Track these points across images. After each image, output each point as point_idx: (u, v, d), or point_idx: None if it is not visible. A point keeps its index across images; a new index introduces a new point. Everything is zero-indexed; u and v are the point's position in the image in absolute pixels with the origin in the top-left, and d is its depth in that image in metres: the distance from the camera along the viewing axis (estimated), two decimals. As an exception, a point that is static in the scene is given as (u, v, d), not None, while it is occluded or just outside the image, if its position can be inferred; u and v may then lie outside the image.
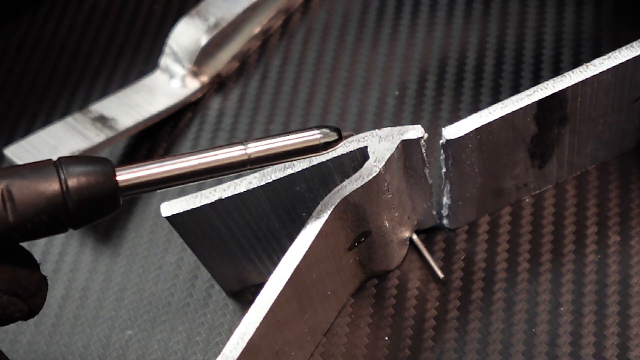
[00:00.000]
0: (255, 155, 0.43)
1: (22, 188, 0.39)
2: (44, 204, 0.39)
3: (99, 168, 0.40)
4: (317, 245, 0.47)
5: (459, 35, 0.65)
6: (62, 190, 0.39)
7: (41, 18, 0.73)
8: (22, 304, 0.40)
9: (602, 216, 0.55)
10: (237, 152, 0.43)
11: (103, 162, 0.40)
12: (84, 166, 0.40)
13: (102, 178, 0.40)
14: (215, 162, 0.42)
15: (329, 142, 0.44)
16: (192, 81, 0.65)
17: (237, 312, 0.56)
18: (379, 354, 0.52)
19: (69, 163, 0.40)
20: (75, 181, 0.39)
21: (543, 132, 0.51)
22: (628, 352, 0.50)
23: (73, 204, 0.39)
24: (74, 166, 0.40)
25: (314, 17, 0.68)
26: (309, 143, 0.44)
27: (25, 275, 0.40)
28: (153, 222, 0.60)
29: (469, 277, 0.54)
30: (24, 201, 0.38)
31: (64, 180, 0.39)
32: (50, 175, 0.39)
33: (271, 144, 0.43)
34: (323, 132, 0.44)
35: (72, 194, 0.39)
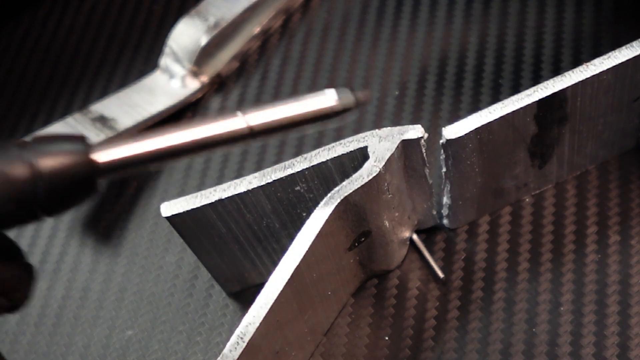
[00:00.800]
0: (257, 127, 0.37)
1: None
2: (9, 190, 0.34)
3: (72, 147, 0.35)
4: (317, 245, 0.47)
5: (459, 35, 0.65)
6: (31, 175, 0.34)
7: (41, 18, 0.73)
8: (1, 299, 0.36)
9: (602, 216, 0.55)
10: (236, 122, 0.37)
11: (76, 140, 0.35)
12: (54, 145, 0.35)
13: (75, 158, 0.34)
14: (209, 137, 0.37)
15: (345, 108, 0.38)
16: (192, 81, 0.65)
17: (237, 312, 0.56)
18: (379, 354, 0.52)
19: (38, 143, 0.35)
20: (45, 164, 0.34)
21: (543, 131, 0.51)
22: (628, 351, 0.50)
23: (44, 190, 0.34)
24: (44, 146, 0.34)
25: (314, 17, 0.68)
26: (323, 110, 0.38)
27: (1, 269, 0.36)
28: (153, 222, 0.60)
29: (469, 277, 0.54)
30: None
31: (33, 163, 0.34)
32: (17, 157, 0.34)
33: (275, 111, 0.38)
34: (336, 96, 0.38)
35: (42, 179, 0.34)
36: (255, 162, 0.61)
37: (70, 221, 0.61)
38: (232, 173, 0.61)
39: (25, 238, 0.61)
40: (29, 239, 0.61)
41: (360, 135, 0.49)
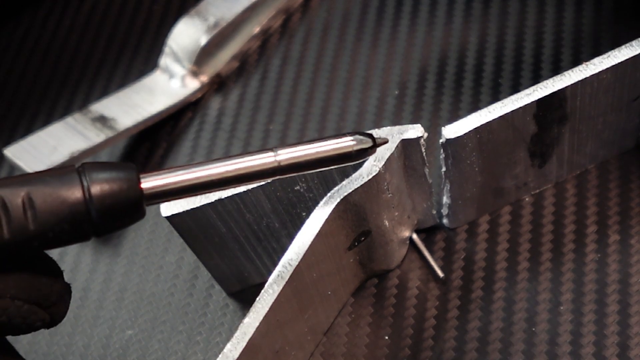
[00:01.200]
0: (285, 163, 0.41)
1: (44, 195, 0.37)
2: (66, 212, 0.37)
3: (123, 175, 0.38)
4: (317, 245, 0.47)
5: (459, 35, 0.65)
6: (85, 198, 0.37)
7: (41, 18, 0.73)
8: (43, 313, 0.39)
9: (602, 215, 0.55)
10: (267, 159, 0.40)
11: (127, 168, 0.39)
12: (107, 172, 0.38)
13: (126, 185, 0.38)
14: (244, 170, 0.40)
15: (363, 149, 0.42)
16: (192, 81, 0.65)
17: (237, 311, 0.56)
18: (379, 354, 0.52)
19: (92, 169, 0.38)
20: (98, 189, 0.38)
21: (543, 131, 0.51)
22: (628, 351, 0.50)
23: (96, 212, 0.38)
24: (97, 172, 0.38)
25: (314, 17, 0.68)
26: (342, 150, 0.42)
27: (47, 284, 0.39)
28: (153, 222, 0.60)
29: (469, 276, 0.54)
30: (46, 209, 0.37)
31: (87, 187, 0.38)
32: (73, 182, 0.38)
33: (302, 150, 0.41)
34: (357, 139, 0.42)
35: (95, 202, 0.38)
36: (255, 162, 0.61)
37: (70, 221, 0.61)
38: (232, 173, 0.61)
39: (25, 238, 0.61)
40: (29, 239, 0.61)
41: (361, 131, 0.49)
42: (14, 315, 0.39)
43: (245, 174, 0.40)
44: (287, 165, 0.41)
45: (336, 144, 0.42)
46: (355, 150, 0.42)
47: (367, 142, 0.42)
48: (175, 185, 0.40)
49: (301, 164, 0.41)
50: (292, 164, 0.41)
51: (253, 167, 0.41)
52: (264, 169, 0.41)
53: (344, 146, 0.42)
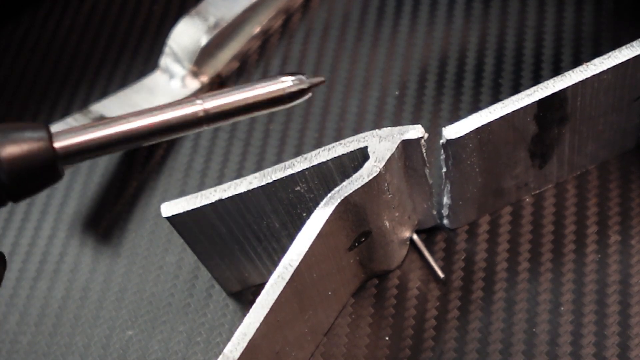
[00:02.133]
0: (213, 111, 0.39)
1: None
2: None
3: (34, 135, 0.36)
4: (317, 245, 0.47)
5: (459, 35, 0.65)
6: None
7: (41, 18, 0.73)
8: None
9: (602, 216, 0.55)
10: (192, 108, 0.38)
11: (38, 128, 0.37)
12: (16, 132, 0.36)
13: (37, 145, 0.36)
14: (167, 122, 0.38)
15: (297, 90, 0.40)
16: (192, 81, 0.65)
17: (237, 312, 0.56)
18: (380, 354, 0.52)
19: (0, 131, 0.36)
20: (7, 151, 0.36)
21: (543, 131, 0.51)
22: (629, 351, 0.50)
23: (7, 176, 0.36)
24: (5, 134, 0.36)
25: (314, 17, 0.68)
26: (274, 94, 0.39)
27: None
28: (153, 222, 0.60)
29: (469, 277, 0.54)
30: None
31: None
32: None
33: (231, 96, 0.39)
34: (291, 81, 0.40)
35: (4, 165, 0.36)
36: (255, 162, 0.61)
37: (70, 221, 0.61)
38: (232, 173, 0.61)
39: (25, 238, 0.61)
40: (28, 239, 0.61)
41: (360, 135, 0.49)
42: None
43: (169, 125, 0.38)
44: (215, 113, 0.39)
45: (267, 87, 0.40)
46: (287, 92, 0.40)
47: (301, 82, 0.40)
48: (92, 141, 0.37)
49: (231, 110, 0.39)
50: (221, 111, 0.39)
51: (177, 117, 0.38)
52: (190, 119, 0.39)
53: (275, 89, 0.40)
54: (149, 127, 0.38)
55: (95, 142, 0.37)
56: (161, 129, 0.38)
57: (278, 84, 0.40)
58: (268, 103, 0.40)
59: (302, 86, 0.40)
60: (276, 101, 0.40)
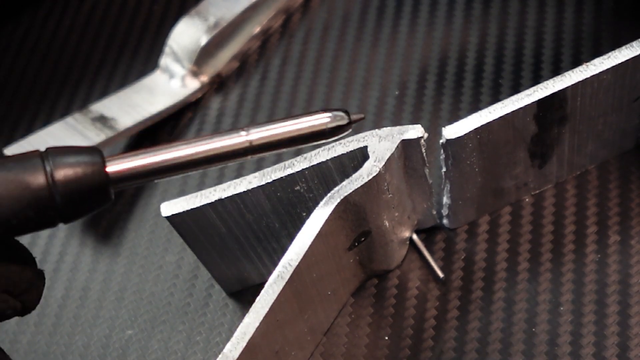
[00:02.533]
0: (257, 142, 0.40)
1: (6, 182, 0.36)
2: (29, 198, 0.36)
3: (88, 159, 0.38)
4: (317, 245, 0.47)
5: (459, 35, 0.65)
6: (48, 184, 0.37)
7: (41, 18, 0.73)
8: (14, 301, 0.39)
9: (602, 216, 0.55)
10: (238, 139, 0.40)
11: (92, 152, 0.38)
12: (71, 157, 0.37)
13: (91, 169, 0.37)
14: (213, 151, 0.39)
15: (338, 126, 0.41)
16: (192, 81, 0.65)
17: (237, 312, 0.56)
18: (379, 354, 0.52)
19: (56, 154, 0.37)
20: (62, 173, 0.37)
21: (543, 131, 0.51)
22: (628, 351, 0.50)
23: (60, 198, 0.37)
24: (61, 157, 0.37)
25: (314, 17, 0.68)
26: (316, 128, 0.40)
27: (16, 271, 0.39)
28: (153, 222, 0.60)
29: (469, 276, 0.54)
30: (7, 196, 0.36)
31: (50, 172, 0.37)
32: (36, 167, 0.37)
33: (274, 129, 0.40)
34: (332, 115, 0.41)
35: (59, 187, 0.37)
36: (255, 162, 0.61)
37: (70, 221, 0.61)
38: (232, 173, 0.61)
39: (25, 238, 0.61)
40: (28, 239, 0.61)
41: (360, 135, 0.49)
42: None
43: (216, 155, 0.40)
44: (259, 145, 0.40)
45: (310, 122, 0.41)
46: (329, 127, 0.41)
47: (342, 118, 0.41)
48: (143, 168, 0.39)
49: (273, 143, 0.40)
50: (264, 143, 0.40)
51: (223, 147, 0.40)
52: (235, 149, 0.40)
53: (317, 124, 0.41)
54: (197, 157, 0.39)
55: (145, 168, 0.39)
56: (208, 159, 0.40)
57: (319, 119, 0.41)
58: (309, 137, 0.41)
59: (342, 122, 0.41)
60: (317, 135, 0.41)
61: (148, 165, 0.39)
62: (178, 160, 0.39)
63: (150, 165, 0.39)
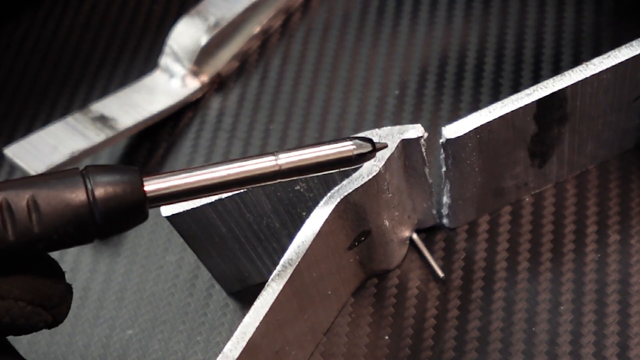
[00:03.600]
0: (286, 167, 0.42)
1: (48, 198, 0.38)
2: (70, 214, 0.38)
3: (127, 178, 0.39)
4: (317, 245, 0.47)
5: (459, 35, 0.65)
6: (89, 201, 0.38)
7: (41, 18, 0.73)
8: (46, 314, 0.40)
9: (602, 215, 0.55)
10: (268, 162, 0.41)
11: (130, 172, 0.39)
12: (111, 176, 0.39)
13: (129, 188, 0.39)
14: (245, 173, 0.41)
15: (362, 153, 0.43)
16: (192, 81, 0.65)
17: (237, 311, 0.56)
18: (379, 353, 0.52)
19: (96, 172, 0.39)
20: (102, 191, 0.38)
21: (543, 131, 0.51)
22: (628, 351, 0.50)
23: (100, 215, 0.38)
24: (101, 176, 0.39)
25: (314, 17, 0.68)
26: (342, 154, 0.42)
27: (50, 286, 0.40)
28: (153, 222, 0.60)
29: (469, 276, 0.54)
30: (50, 212, 0.38)
31: (91, 190, 0.38)
32: (77, 185, 0.38)
33: (303, 155, 0.42)
34: (356, 143, 0.43)
35: (99, 205, 0.38)
36: (255, 162, 0.61)
37: (71, 221, 0.61)
38: (232, 173, 0.61)
39: (26, 238, 0.61)
40: (29, 239, 0.61)
41: (360, 135, 0.49)
42: (17, 316, 0.39)
43: (247, 177, 0.41)
44: (287, 169, 0.42)
45: (336, 149, 0.43)
46: (355, 154, 0.43)
47: (366, 146, 0.43)
48: (178, 188, 0.40)
49: (301, 167, 0.42)
50: (293, 167, 0.42)
51: (255, 170, 0.41)
52: (265, 173, 0.41)
53: (344, 150, 0.43)
54: (229, 179, 0.41)
55: (180, 188, 0.40)
56: (240, 181, 0.41)
57: (346, 147, 0.43)
58: (336, 163, 0.43)
59: (366, 150, 0.43)
60: (344, 162, 0.43)
61: (183, 185, 0.40)
62: (212, 182, 0.41)
63: (186, 186, 0.40)
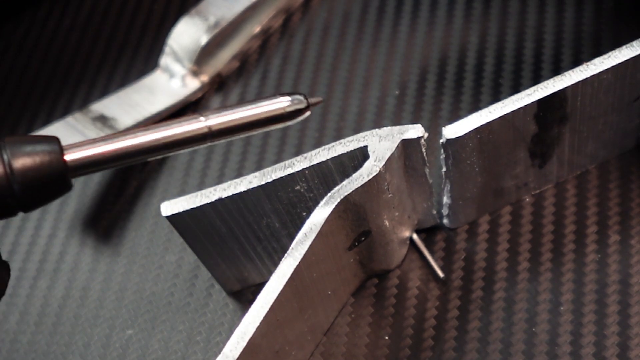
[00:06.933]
0: (216, 127, 0.40)
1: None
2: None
3: (46, 147, 0.38)
4: (317, 245, 0.47)
5: (459, 35, 0.65)
6: (6, 173, 0.37)
7: (41, 18, 0.73)
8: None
9: (602, 216, 0.55)
10: (196, 124, 0.40)
11: (50, 141, 0.38)
12: (30, 145, 0.38)
13: (48, 158, 0.38)
14: (172, 137, 0.40)
15: (296, 109, 0.42)
16: (192, 81, 0.65)
17: (237, 311, 0.56)
18: (379, 354, 0.52)
19: (13, 143, 0.38)
20: (20, 162, 0.37)
21: (543, 131, 0.51)
22: (628, 351, 0.50)
23: (19, 186, 0.37)
24: (18, 146, 0.38)
25: (314, 17, 0.68)
26: (275, 112, 0.41)
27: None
28: (153, 221, 0.60)
29: (469, 276, 0.54)
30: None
31: (8, 161, 0.37)
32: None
33: (233, 114, 0.41)
34: (290, 99, 0.42)
35: (17, 176, 0.37)
36: (255, 162, 0.61)
37: (70, 221, 0.61)
38: (232, 172, 0.61)
39: (25, 237, 0.61)
40: (28, 238, 0.61)
41: (360, 134, 0.49)
42: None
43: (174, 141, 0.40)
44: (217, 130, 0.41)
45: (268, 106, 0.42)
46: (287, 111, 0.42)
47: (300, 102, 0.42)
48: (101, 156, 0.39)
49: (233, 128, 0.41)
50: (223, 128, 0.41)
51: (182, 133, 0.40)
52: (194, 135, 0.40)
53: (276, 108, 0.42)
54: (156, 142, 0.40)
55: (103, 155, 0.39)
56: (167, 144, 0.40)
57: (278, 103, 0.42)
58: (268, 121, 0.42)
59: (300, 106, 0.42)
60: (276, 119, 0.42)
61: (106, 152, 0.39)
62: (137, 147, 0.39)
63: (109, 153, 0.39)
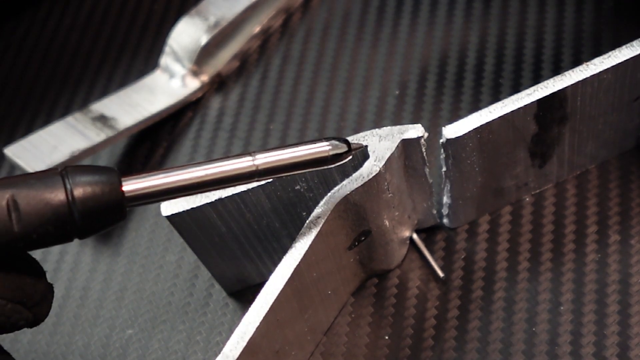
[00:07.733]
0: (263, 167, 0.43)
1: (28, 198, 0.38)
2: (49, 214, 0.39)
3: (105, 178, 0.40)
4: (317, 245, 0.47)
5: (459, 35, 0.65)
6: (68, 201, 0.39)
7: (41, 18, 0.73)
8: (27, 312, 0.40)
9: (602, 215, 0.55)
10: (245, 163, 0.42)
11: (109, 172, 0.40)
12: (90, 176, 0.40)
13: (107, 188, 0.40)
14: (222, 173, 0.42)
15: (338, 154, 0.44)
16: (193, 80, 0.65)
17: (237, 311, 0.56)
18: (379, 353, 0.52)
19: (75, 172, 0.40)
20: (81, 191, 0.39)
21: (543, 131, 0.51)
22: (628, 351, 0.50)
23: (79, 214, 0.39)
24: (80, 176, 0.39)
25: (314, 17, 0.68)
26: (318, 155, 0.44)
27: (30, 284, 0.40)
28: (153, 221, 0.60)
29: (469, 276, 0.54)
30: (30, 211, 0.38)
31: (70, 190, 0.39)
32: (57, 184, 0.39)
33: (279, 155, 0.43)
34: (332, 144, 0.44)
35: (78, 204, 0.39)
36: (255, 162, 0.61)
37: (70, 221, 0.61)
38: (232, 172, 0.61)
39: (25, 237, 0.61)
40: (29, 239, 0.61)
41: (360, 134, 0.49)
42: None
43: (224, 177, 0.42)
44: (264, 169, 0.43)
45: (312, 149, 0.44)
46: (331, 155, 0.44)
47: (342, 147, 0.44)
48: (156, 188, 0.41)
49: (278, 167, 0.43)
50: (269, 167, 0.43)
51: (232, 170, 0.42)
52: (243, 173, 0.42)
53: (319, 151, 0.44)
54: (207, 178, 0.42)
55: (158, 188, 0.41)
56: (217, 180, 0.42)
57: (322, 147, 0.44)
58: (312, 163, 0.44)
59: (342, 150, 0.44)
60: (319, 162, 0.44)
61: (161, 185, 0.41)
62: (189, 182, 0.42)
63: (163, 186, 0.41)
